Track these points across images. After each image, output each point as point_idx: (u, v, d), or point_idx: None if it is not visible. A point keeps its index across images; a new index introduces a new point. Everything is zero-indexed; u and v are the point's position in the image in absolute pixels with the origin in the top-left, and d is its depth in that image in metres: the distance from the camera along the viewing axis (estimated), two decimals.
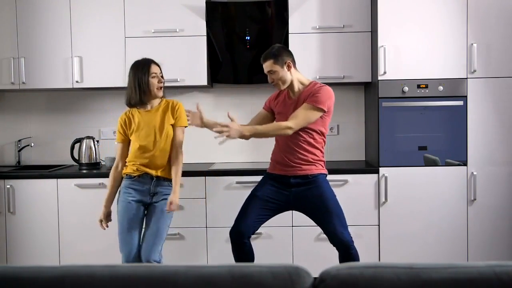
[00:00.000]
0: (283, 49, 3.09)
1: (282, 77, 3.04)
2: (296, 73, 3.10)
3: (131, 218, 3.02)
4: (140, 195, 3.04)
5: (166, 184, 3.08)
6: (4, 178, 3.78)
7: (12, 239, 3.78)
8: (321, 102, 2.97)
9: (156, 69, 3.06)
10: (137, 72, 3.02)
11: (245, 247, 3.18)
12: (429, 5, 3.64)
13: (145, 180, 3.04)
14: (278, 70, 3.03)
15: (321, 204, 3.03)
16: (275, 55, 3.04)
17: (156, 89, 3.03)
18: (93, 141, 4.06)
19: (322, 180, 3.09)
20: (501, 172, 3.67)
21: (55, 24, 3.91)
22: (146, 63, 3.05)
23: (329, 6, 3.86)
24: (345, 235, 3.02)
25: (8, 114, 4.33)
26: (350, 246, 3.02)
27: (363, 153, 4.24)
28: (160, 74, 3.08)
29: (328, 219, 3.02)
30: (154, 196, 3.06)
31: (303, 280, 1.40)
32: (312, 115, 2.97)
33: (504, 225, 3.68)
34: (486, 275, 1.37)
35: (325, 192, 3.03)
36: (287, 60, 3.04)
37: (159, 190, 3.06)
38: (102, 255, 3.72)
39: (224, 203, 3.69)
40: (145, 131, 3.04)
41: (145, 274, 1.40)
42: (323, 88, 3.02)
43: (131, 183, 3.05)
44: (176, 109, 3.10)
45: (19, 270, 1.43)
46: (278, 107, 3.19)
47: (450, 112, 3.67)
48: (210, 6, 3.91)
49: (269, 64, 3.04)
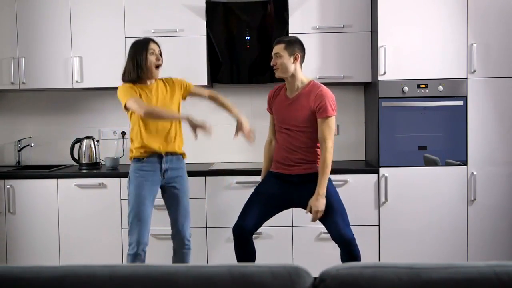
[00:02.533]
0: (299, 42, 3.12)
1: (285, 65, 3.06)
2: (299, 70, 3.11)
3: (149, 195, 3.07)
4: (152, 175, 3.07)
5: (174, 159, 3.13)
6: (4, 178, 3.78)
7: (12, 239, 3.78)
8: (331, 111, 3.01)
9: (155, 47, 3.09)
10: (136, 49, 3.06)
11: (248, 244, 3.21)
12: (429, 5, 3.64)
13: (153, 159, 3.07)
14: (285, 56, 3.05)
15: (333, 204, 3.04)
16: (289, 41, 3.09)
17: (154, 67, 3.06)
18: (93, 141, 4.06)
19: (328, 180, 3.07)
20: (501, 172, 3.67)
21: (55, 24, 3.91)
22: (145, 40, 3.10)
23: (329, 6, 3.85)
24: (348, 232, 3.03)
25: (8, 114, 4.33)
26: (352, 243, 3.03)
27: (363, 153, 4.24)
28: (159, 52, 3.11)
29: (331, 217, 3.03)
30: (166, 173, 3.10)
31: (303, 280, 1.40)
32: (332, 124, 3.03)
33: (504, 225, 3.68)
34: (486, 275, 1.37)
35: (328, 190, 3.04)
36: (297, 52, 3.07)
37: (169, 166, 3.10)
38: (102, 255, 3.72)
39: (224, 203, 3.69)
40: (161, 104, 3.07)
41: (145, 274, 1.40)
42: (325, 97, 3.02)
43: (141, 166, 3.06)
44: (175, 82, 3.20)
45: (19, 270, 1.43)
46: (274, 106, 3.20)
47: (450, 112, 3.67)
48: (210, 6, 3.91)
49: (279, 47, 3.07)
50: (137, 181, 3.06)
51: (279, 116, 3.14)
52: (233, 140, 3.25)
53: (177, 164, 3.15)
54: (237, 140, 4.24)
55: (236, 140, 3.28)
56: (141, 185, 3.05)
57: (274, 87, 3.25)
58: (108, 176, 3.75)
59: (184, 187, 3.18)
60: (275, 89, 3.24)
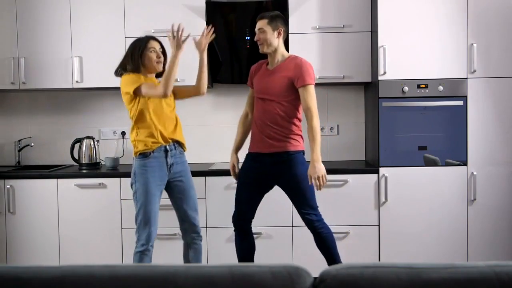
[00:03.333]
0: (281, 17, 3.22)
1: (269, 39, 3.14)
2: (281, 45, 3.19)
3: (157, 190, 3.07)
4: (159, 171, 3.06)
5: (178, 153, 3.14)
6: (4, 178, 3.78)
7: (12, 239, 3.78)
8: (309, 79, 3.08)
9: (155, 44, 3.10)
10: (135, 45, 3.07)
11: (248, 236, 3.30)
12: (429, 5, 3.64)
13: (160, 154, 3.06)
14: (268, 31, 3.14)
15: (294, 184, 3.12)
16: (272, 17, 3.17)
17: (155, 63, 3.07)
18: (93, 141, 4.06)
19: (297, 159, 3.13)
20: (501, 172, 3.67)
21: (55, 24, 3.91)
22: (146, 37, 3.12)
23: (329, 6, 3.85)
24: (311, 215, 3.12)
25: (8, 114, 4.33)
26: (315, 226, 3.13)
27: (363, 153, 4.24)
28: (160, 50, 3.11)
29: (298, 199, 3.14)
30: (171, 168, 3.09)
31: (303, 280, 1.40)
32: (313, 92, 3.10)
33: (504, 225, 3.68)
34: (486, 275, 1.37)
35: (299, 174, 3.10)
36: (280, 27, 3.16)
37: (174, 161, 3.10)
38: (102, 255, 3.72)
39: (224, 203, 3.69)
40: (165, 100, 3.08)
41: (145, 274, 1.40)
42: (304, 66, 3.10)
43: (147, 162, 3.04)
44: None
45: (19, 270, 1.43)
46: (255, 79, 3.27)
47: (450, 112, 3.67)
48: (210, 6, 3.91)
49: (263, 23, 3.15)
50: (144, 177, 3.02)
51: (258, 85, 3.21)
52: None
53: (181, 158, 3.16)
54: None
55: None
56: (149, 181, 3.02)
57: (256, 63, 3.34)
58: (108, 176, 3.75)
59: (190, 180, 3.20)
60: (257, 64, 3.33)
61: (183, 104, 4.26)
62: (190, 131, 4.00)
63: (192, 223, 3.19)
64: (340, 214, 3.70)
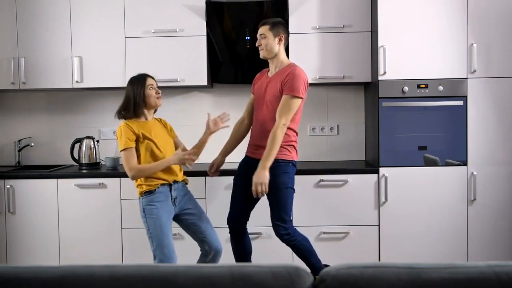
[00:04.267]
0: (283, 24, 3.24)
1: (269, 45, 3.17)
2: (283, 51, 3.21)
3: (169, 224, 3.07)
4: (165, 204, 3.07)
5: (181, 186, 3.18)
6: (4, 178, 3.78)
7: (12, 239, 3.78)
8: (295, 90, 3.05)
9: (152, 82, 3.14)
10: (134, 85, 3.10)
11: (243, 238, 3.32)
12: (429, 5, 3.64)
13: (165, 189, 3.08)
14: (270, 37, 3.17)
15: (270, 192, 3.09)
16: (274, 23, 3.20)
17: (156, 99, 3.12)
18: (93, 141, 4.06)
19: (280, 168, 3.10)
20: (501, 172, 3.67)
21: (55, 24, 3.91)
22: (142, 76, 3.14)
23: (329, 6, 3.85)
24: (279, 227, 3.12)
25: (8, 114, 4.33)
26: (284, 239, 3.14)
27: (363, 153, 4.24)
28: (156, 85, 3.16)
29: (271, 207, 3.15)
30: (176, 201, 3.11)
31: (303, 280, 1.40)
32: (293, 105, 3.07)
33: (504, 225, 3.68)
34: (486, 275, 1.37)
35: (276, 182, 3.08)
36: (282, 33, 3.18)
37: (177, 194, 3.13)
38: (102, 255, 3.72)
39: (224, 203, 3.68)
40: (160, 138, 3.12)
41: (145, 274, 1.40)
42: (296, 76, 3.07)
43: (154, 198, 3.04)
44: (168, 126, 3.29)
45: (19, 270, 1.43)
46: (256, 86, 3.31)
47: (450, 112, 3.67)
48: (210, 6, 3.91)
49: (265, 29, 3.19)
50: (154, 213, 3.02)
51: (257, 92, 3.26)
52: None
53: (184, 191, 3.20)
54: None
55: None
56: (159, 216, 3.02)
57: (260, 71, 3.38)
58: (108, 176, 3.75)
59: (197, 205, 3.24)
60: (260, 72, 3.37)
61: (183, 104, 4.27)
62: (190, 131, 3.99)
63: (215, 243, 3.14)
64: (340, 214, 3.70)
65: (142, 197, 3.07)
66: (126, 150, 3.01)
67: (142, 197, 3.07)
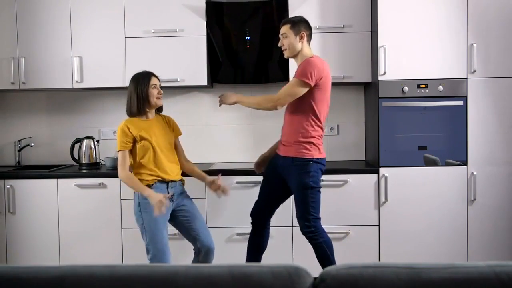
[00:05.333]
0: (304, 21, 3.20)
1: (291, 44, 3.14)
2: (306, 48, 3.18)
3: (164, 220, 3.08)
4: None
5: (178, 184, 3.19)
6: (4, 178, 3.78)
7: (12, 239, 3.78)
8: (301, 74, 3.03)
9: (156, 81, 3.16)
10: (138, 83, 3.11)
11: (261, 232, 3.33)
12: (429, 5, 3.64)
13: (162, 185, 3.10)
14: (291, 36, 3.14)
15: (294, 192, 3.15)
16: (294, 22, 3.17)
17: (156, 99, 3.13)
18: (93, 141, 4.06)
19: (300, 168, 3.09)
20: (501, 172, 3.67)
21: (55, 24, 3.91)
22: (146, 75, 3.15)
23: (329, 6, 3.85)
24: (301, 225, 3.14)
25: (8, 114, 4.32)
26: (307, 236, 3.14)
27: (363, 153, 4.24)
28: (160, 85, 3.18)
29: (295, 206, 3.16)
30: (173, 197, 3.12)
31: (303, 280, 1.40)
32: (296, 88, 3.05)
33: (504, 225, 3.68)
34: (486, 275, 1.37)
35: (297, 183, 3.11)
36: (303, 31, 3.15)
37: (175, 191, 3.14)
38: (102, 255, 3.72)
39: (224, 203, 3.69)
40: (159, 137, 3.13)
41: (145, 274, 1.40)
42: (308, 62, 3.06)
43: None
44: (171, 122, 3.28)
45: (19, 270, 1.43)
46: None
47: (450, 112, 3.67)
48: (210, 6, 3.91)
49: (285, 28, 3.16)
50: (149, 208, 3.02)
51: None
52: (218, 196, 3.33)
53: (181, 189, 3.22)
54: (237, 140, 4.26)
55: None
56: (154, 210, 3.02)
57: None
58: (108, 176, 3.75)
59: (193, 204, 3.25)
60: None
61: (183, 104, 4.27)
62: (190, 131, 4.00)
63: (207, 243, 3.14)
64: (340, 214, 3.70)
65: (139, 192, 3.08)
66: (121, 152, 3.08)
67: (139, 192, 3.08)
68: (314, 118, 3.11)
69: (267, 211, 3.32)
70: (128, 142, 3.07)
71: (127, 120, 3.13)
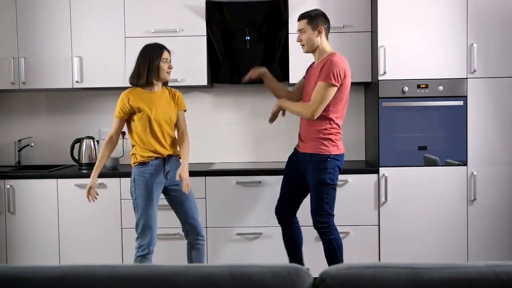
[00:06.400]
0: (322, 14, 3.19)
1: (310, 39, 3.14)
2: (324, 42, 3.17)
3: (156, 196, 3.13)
4: (157, 177, 3.12)
5: (175, 160, 3.20)
6: (4, 178, 3.78)
7: (12, 239, 3.78)
8: (329, 77, 3.02)
9: (167, 55, 3.17)
10: (149, 54, 3.12)
11: (291, 227, 3.37)
12: (429, 5, 3.64)
13: (158, 161, 3.12)
14: (309, 31, 3.13)
15: (310, 187, 3.16)
16: (311, 16, 3.15)
17: (165, 73, 3.15)
18: (93, 141, 4.07)
19: (317, 164, 3.11)
20: (501, 172, 3.67)
21: (55, 24, 3.91)
22: (159, 47, 3.16)
23: (329, 6, 3.85)
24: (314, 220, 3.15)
25: (8, 114, 4.33)
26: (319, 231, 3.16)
27: (363, 153, 4.24)
28: (170, 60, 3.19)
29: (310, 200, 3.17)
30: (168, 174, 3.15)
31: (303, 280, 1.40)
32: (325, 94, 3.04)
33: (504, 225, 3.68)
34: (486, 275, 1.37)
35: (314, 179, 3.12)
36: (320, 25, 3.14)
37: (170, 168, 3.16)
38: (102, 255, 3.72)
39: (224, 203, 3.69)
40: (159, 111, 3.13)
41: (145, 274, 1.40)
42: (333, 63, 3.04)
43: (146, 169, 3.10)
44: (176, 96, 3.26)
45: (19, 270, 1.43)
46: (306, 75, 3.30)
47: (450, 112, 3.67)
48: (210, 6, 3.91)
49: (303, 23, 3.16)
50: (143, 184, 3.09)
51: (306, 82, 3.26)
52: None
53: (177, 165, 3.19)
54: (237, 140, 4.26)
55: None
56: (148, 187, 3.09)
57: None
58: (108, 176, 3.75)
59: None
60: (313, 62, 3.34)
61: None
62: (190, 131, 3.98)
63: (193, 224, 3.22)
64: (340, 214, 3.69)
65: (135, 167, 3.13)
66: (115, 119, 3.17)
67: (135, 167, 3.13)
68: (333, 115, 3.12)
69: (290, 208, 3.35)
70: (123, 111, 3.11)
71: (129, 91, 3.16)
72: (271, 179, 3.68)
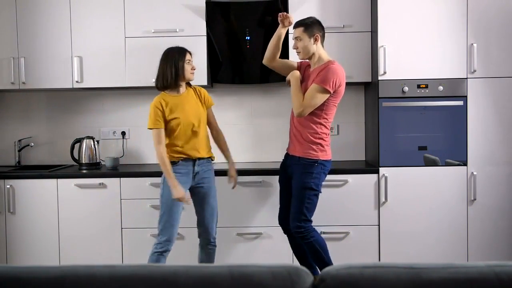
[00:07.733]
0: (317, 22, 3.23)
1: (306, 47, 3.18)
2: (321, 49, 3.22)
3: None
4: (185, 177, 3.18)
5: (205, 162, 3.26)
6: (4, 178, 3.78)
7: (12, 239, 3.78)
8: (325, 82, 3.06)
9: (189, 57, 3.24)
10: (173, 57, 3.18)
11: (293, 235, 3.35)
12: (429, 5, 3.64)
13: (188, 163, 3.19)
14: (305, 39, 3.17)
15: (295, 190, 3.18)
16: (307, 24, 3.20)
17: (189, 74, 3.21)
18: (93, 141, 4.06)
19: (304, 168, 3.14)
20: (501, 172, 3.67)
21: (55, 24, 3.91)
22: (181, 50, 3.22)
23: (329, 6, 3.85)
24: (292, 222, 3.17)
25: (8, 114, 4.32)
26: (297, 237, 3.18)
27: (363, 153, 4.24)
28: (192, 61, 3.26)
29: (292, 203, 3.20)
30: (196, 175, 3.21)
31: (303, 280, 1.40)
32: (317, 96, 3.08)
33: (504, 225, 3.68)
34: (486, 275, 1.37)
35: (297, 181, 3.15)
36: (316, 33, 3.18)
37: (200, 169, 3.22)
38: (102, 255, 3.72)
39: (224, 203, 3.69)
40: (190, 114, 3.18)
41: (145, 274, 1.40)
42: (330, 70, 3.08)
43: (175, 168, 3.16)
44: (202, 94, 3.31)
45: (19, 270, 1.43)
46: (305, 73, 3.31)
47: (450, 112, 3.67)
48: (210, 6, 3.91)
49: (299, 31, 3.19)
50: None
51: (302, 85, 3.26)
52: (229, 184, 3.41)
53: (207, 167, 3.28)
54: (237, 140, 4.26)
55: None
56: None
57: None
58: (108, 176, 3.75)
59: (211, 188, 3.30)
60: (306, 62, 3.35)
61: None
62: None
63: (206, 229, 3.29)
64: (340, 214, 3.70)
65: None
66: (154, 130, 3.16)
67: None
68: (324, 120, 3.17)
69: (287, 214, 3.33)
70: (160, 119, 3.15)
71: (161, 96, 3.20)
72: (271, 179, 3.67)
